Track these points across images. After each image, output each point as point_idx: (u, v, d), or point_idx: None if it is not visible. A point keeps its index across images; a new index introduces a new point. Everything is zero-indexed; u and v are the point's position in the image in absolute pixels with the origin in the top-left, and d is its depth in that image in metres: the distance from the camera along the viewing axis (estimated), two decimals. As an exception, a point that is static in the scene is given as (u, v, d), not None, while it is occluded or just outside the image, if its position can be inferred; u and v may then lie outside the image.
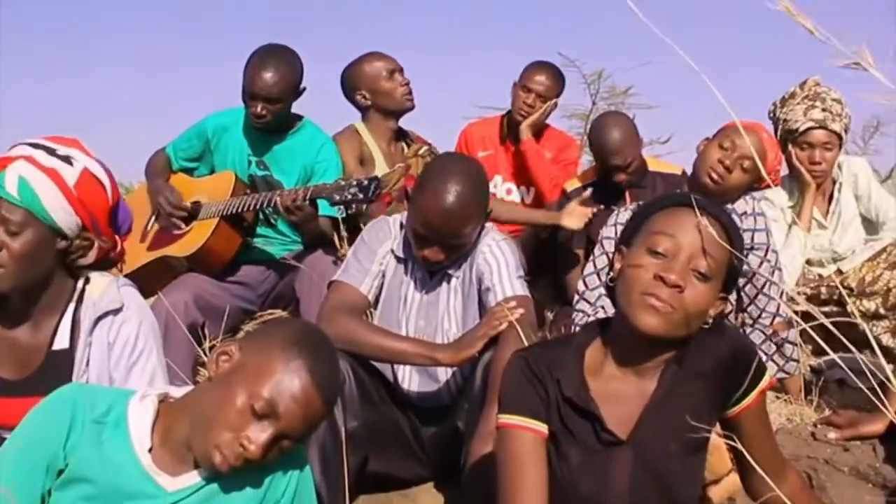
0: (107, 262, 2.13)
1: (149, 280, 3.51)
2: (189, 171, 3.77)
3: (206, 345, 3.26)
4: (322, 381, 1.62)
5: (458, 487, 2.48)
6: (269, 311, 3.66)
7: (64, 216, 1.99)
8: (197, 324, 3.30)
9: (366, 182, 3.10)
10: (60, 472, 1.62)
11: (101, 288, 2.07)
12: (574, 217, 3.74)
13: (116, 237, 2.13)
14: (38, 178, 1.96)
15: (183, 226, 3.54)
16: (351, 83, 3.97)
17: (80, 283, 2.08)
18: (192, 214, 3.57)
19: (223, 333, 3.32)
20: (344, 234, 3.44)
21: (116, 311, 2.05)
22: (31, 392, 1.98)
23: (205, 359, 3.16)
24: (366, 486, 2.66)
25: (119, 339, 2.05)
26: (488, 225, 2.77)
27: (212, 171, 3.71)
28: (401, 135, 4.01)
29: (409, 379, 2.76)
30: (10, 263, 1.94)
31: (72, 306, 2.06)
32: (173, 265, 3.51)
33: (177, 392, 1.74)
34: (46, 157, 1.99)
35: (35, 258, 1.97)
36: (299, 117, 3.67)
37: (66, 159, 2.00)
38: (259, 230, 3.65)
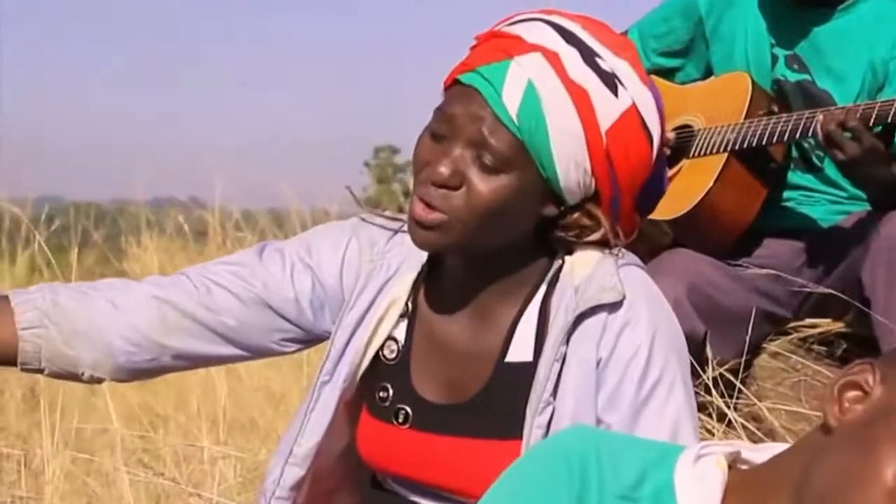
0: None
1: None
2: (668, 73, 2.82)
3: (710, 372, 2.34)
4: None
5: None
6: (811, 319, 2.62)
7: (574, 174, 1.52)
8: (696, 335, 2.37)
9: None
10: None
11: (589, 266, 1.59)
12: None
13: (637, 219, 1.65)
14: (556, 100, 1.48)
15: None
16: None
17: (558, 259, 1.61)
18: (679, 148, 2.63)
19: (743, 354, 2.44)
20: None
21: (614, 307, 1.56)
22: (463, 430, 1.54)
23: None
24: None
25: (617, 356, 1.56)
26: None
27: (707, 75, 2.77)
28: None
29: None
30: (463, 211, 1.47)
31: (540, 294, 1.58)
32: (649, 234, 2.58)
33: (753, 453, 1.25)
34: (581, 66, 1.50)
35: (503, 217, 1.51)
36: None
37: (611, 80, 1.51)
38: (793, 177, 2.63)
